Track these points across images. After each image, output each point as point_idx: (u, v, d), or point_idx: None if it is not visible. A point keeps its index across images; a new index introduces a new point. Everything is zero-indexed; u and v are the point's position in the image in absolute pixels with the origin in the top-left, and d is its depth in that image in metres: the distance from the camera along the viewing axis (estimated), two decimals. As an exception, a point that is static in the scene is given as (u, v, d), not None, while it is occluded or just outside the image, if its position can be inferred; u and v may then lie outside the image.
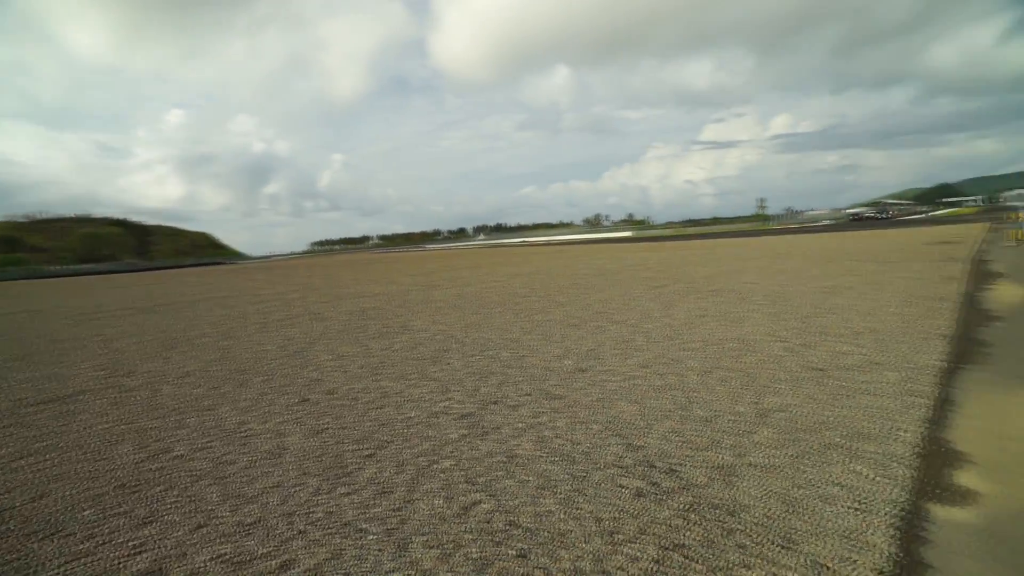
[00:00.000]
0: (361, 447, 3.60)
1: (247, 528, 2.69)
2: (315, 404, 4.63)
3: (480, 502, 2.77)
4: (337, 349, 6.91)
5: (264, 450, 3.67)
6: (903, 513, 2.45)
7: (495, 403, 4.30)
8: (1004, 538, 2.24)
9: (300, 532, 2.61)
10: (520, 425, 3.78)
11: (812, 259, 15.86)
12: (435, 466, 3.23)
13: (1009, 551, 2.16)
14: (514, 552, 2.33)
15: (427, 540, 2.47)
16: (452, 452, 3.41)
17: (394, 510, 2.76)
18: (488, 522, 2.58)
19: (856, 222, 69.59)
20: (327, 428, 4.02)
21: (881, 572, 2.08)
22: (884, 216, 71.93)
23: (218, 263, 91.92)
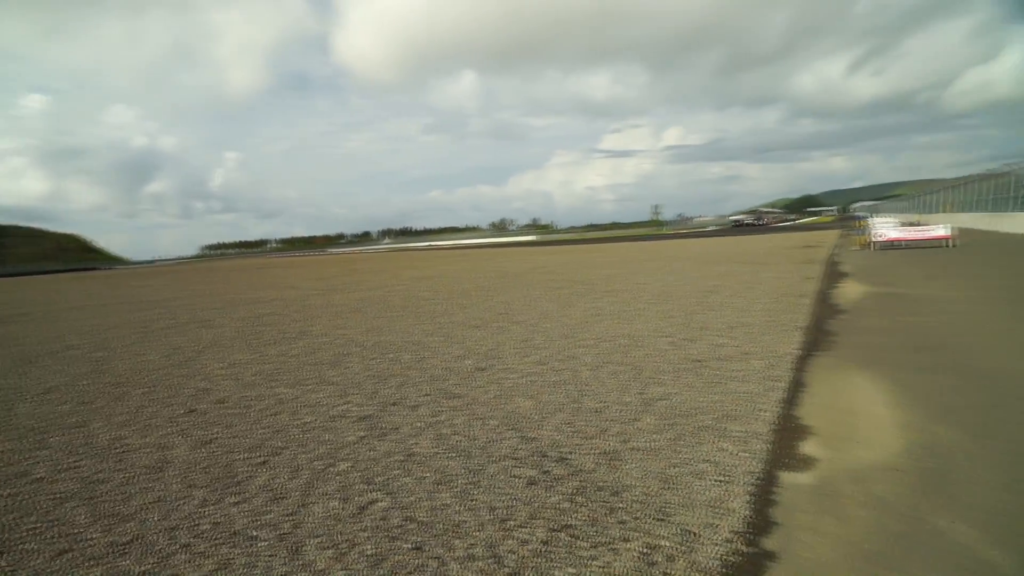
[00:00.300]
0: (253, 455, 3.43)
1: (122, 547, 2.47)
2: (203, 414, 4.32)
3: (377, 501, 2.77)
4: (229, 357, 6.46)
5: (143, 465, 3.38)
6: (758, 481, 2.81)
7: (395, 404, 4.28)
8: (830, 493, 2.66)
9: (184, 546, 2.46)
10: (419, 424, 3.81)
11: (698, 261, 17.35)
12: (332, 469, 3.17)
13: (832, 503, 2.56)
14: (409, 546, 2.36)
15: (321, 541, 2.43)
16: (350, 454, 3.36)
17: (288, 515, 2.67)
18: (384, 519, 2.59)
19: (737, 228, 76.81)
20: (216, 438, 3.77)
21: (737, 532, 2.37)
22: (760, 223, 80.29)
23: (92, 268, 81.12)
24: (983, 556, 2.12)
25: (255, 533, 2.53)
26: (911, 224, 21.45)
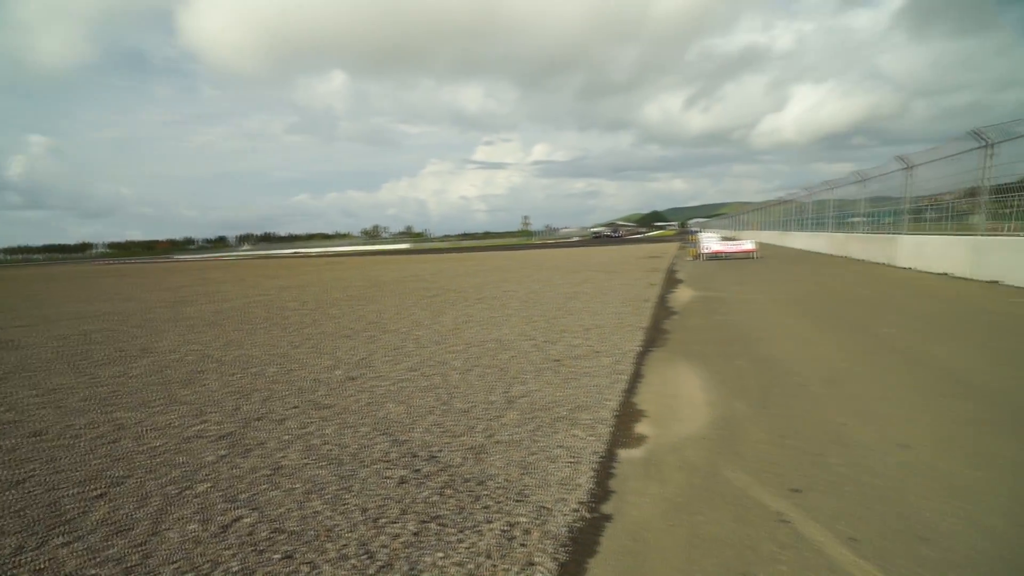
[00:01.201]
0: (86, 489, 3.10)
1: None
2: (10, 452, 3.74)
3: (242, 517, 2.72)
4: (47, 382, 5.57)
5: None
6: (601, 459, 3.27)
7: (259, 420, 4.12)
8: (655, 462, 3.21)
9: (-1, 597, 2.19)
10: (287, 438, 3.74)
11: (561, 270, 18.66)
12: (188, 492, 3.00)
13: (656, 470, 3.11)
14: (279, 555, 2.39)
15: (179, 567, 2.34)
16: (209, 475, 3.21)
17: (136, 546, 2.51)
18: (251, 534, 2.56)
19: (597, 239, 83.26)
20: (32, 476, 3.31)
21: (582, 503, 2.78)
22: (616, 235, 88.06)
23: None
24: (751, 494, 2.78)
25: (93, 572, 2.34)
26: (729, 239, 25.33)
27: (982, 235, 11.31)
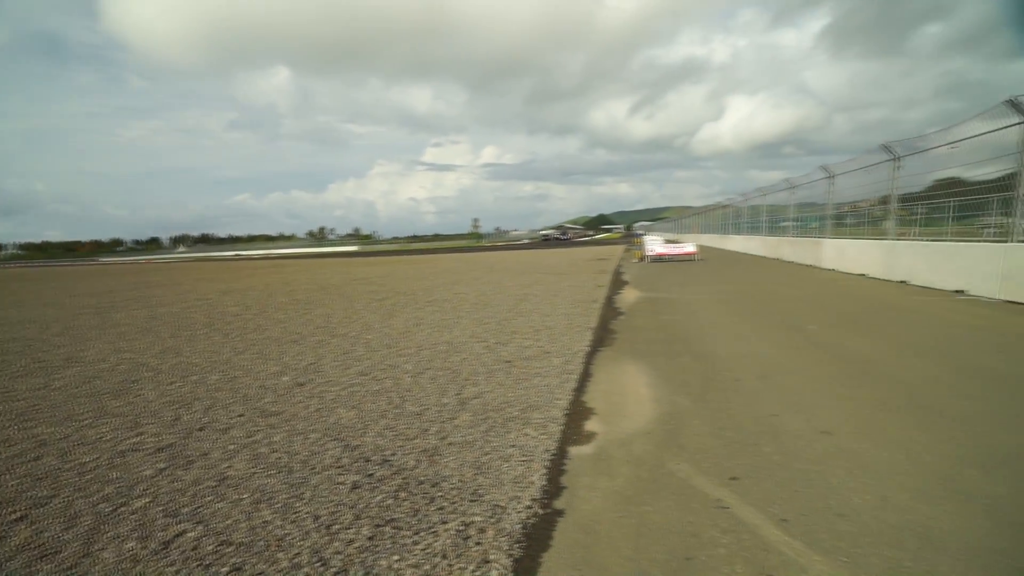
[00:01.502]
0: (2, 513, 2.88)
1: None
2: (-87, 473, 3.40)
3: (185, 532, 2.61)
4: (-53, 398, 5.08)
5: None
6: (553, 457, 3.37)
7: (202, 430, 3.95)
8: (605, 458, 3.34)
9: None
10: (232, 447, 3.61)
11: (512, 272, 18.82)
12: (124, 509, 2.85)
13: (606, 465, 3.24)
14: (227, 568, 2.32)
15: (117, 586, 2.23)
16: (147, 489, 3.05)
17: (64, 570, 2.36)
18: (196, 549, 2.47)
19: (546, 241, 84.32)
20: (-60, 500, 3.04)
21: (535, 499, 2.86)
22: (565, 237, 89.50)
23: None
24: (694, 484, 2.95)
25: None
26: (672, 242, 26.40)
27: (893, 239, 12.37)
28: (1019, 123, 8.29)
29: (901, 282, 11.44)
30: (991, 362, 5.10)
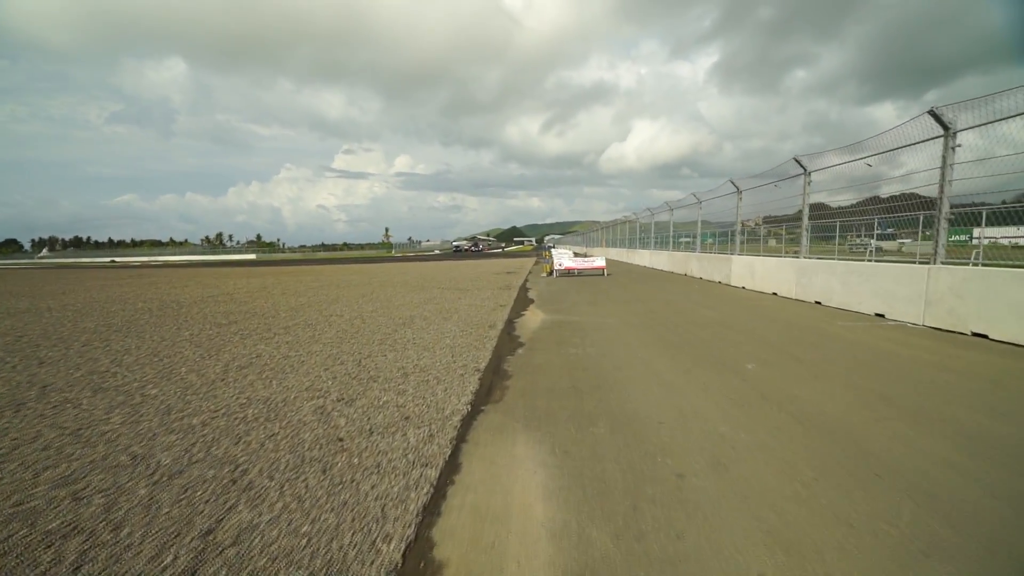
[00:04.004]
0: None
1: None
2: None
3: None
4: None
5: None
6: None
7: None
8: None
9: None
10: None
11: (408, 287, 16.66)
12: None
13: None
14: None
15: None
16: None
17: None
18: None
19: (457, 253, 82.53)
20: None
21: None
22: (477, 249, 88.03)
23: None
24: None
25: None
26: (581, 255, 25.58)
27: (806, 257, 11.90)
28: (941, 136, 7.74)
29: (816, 303, 10.86)
30: (995, 426, 3.93)
